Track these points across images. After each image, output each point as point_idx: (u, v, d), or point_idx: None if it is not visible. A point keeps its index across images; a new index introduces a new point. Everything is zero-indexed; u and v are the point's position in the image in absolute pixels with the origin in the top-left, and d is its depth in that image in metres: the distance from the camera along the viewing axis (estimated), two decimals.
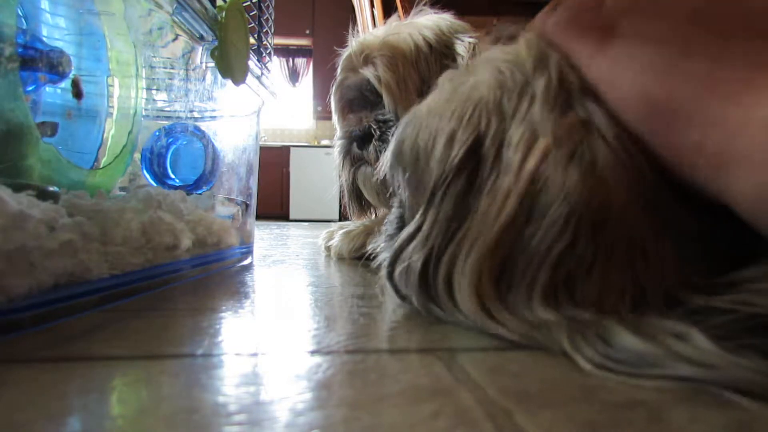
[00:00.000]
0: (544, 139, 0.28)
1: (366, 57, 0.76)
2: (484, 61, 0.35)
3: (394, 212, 0.42)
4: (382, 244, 0.43)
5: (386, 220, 0.44)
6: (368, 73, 0.74)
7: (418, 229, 0.33)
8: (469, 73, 0.35)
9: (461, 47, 0.74)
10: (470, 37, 0.75)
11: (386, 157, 0.42)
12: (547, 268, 0.27)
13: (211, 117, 0.67)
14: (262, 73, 0.69)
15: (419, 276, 0.32)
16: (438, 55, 0.74)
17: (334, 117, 0.86)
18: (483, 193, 0.30)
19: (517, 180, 0.28)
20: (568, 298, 0.27)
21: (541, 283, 0.27)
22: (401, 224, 0.40)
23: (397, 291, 0.35)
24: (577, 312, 0.26)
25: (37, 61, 0.39)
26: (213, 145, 0.64)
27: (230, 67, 0.58)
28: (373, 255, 0.47)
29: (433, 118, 0.35)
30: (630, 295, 0.26)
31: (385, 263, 0.37)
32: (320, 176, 4.27)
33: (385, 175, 0.44)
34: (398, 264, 0.34)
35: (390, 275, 0.35)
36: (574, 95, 0.30)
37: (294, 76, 5.26)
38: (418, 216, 0.34)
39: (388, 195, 0.74)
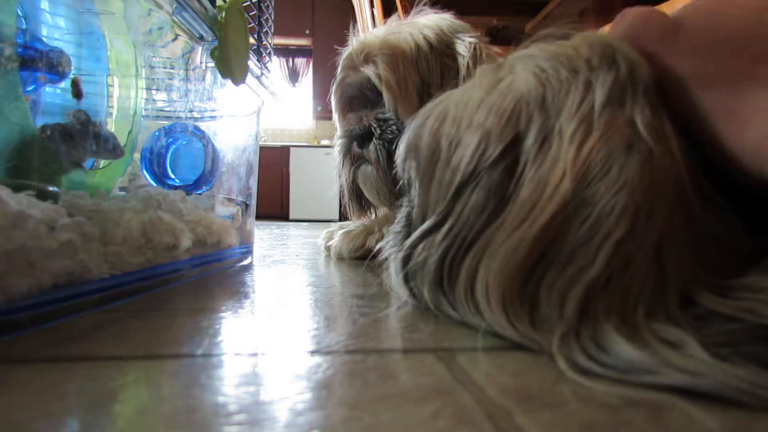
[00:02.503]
0: (598, 131, 0.28)
1: (367, 56, 0.76)
2: (520, 59, 0.35)
3: (404, 210, 0.42)
4: (390, 242, 0.43)
5: (397, 219, 0.44)
6: (369, 71, 0.74)
7: (439, 224, 0.33)
8: (507, 70, 0.35)
9: (462, 47, 0.74)
10: (470, 36, 0.75)
11: (399, 151, 0.42)
12: (600, 259, 0.26)
13: (211, 117, 0.67)
14: (262, 73, 0.69)
15: (435, 272, 0.32)
16: (438, 55, 0.74)
17: (335, 116, 0.86)
18: (522, 186, 0.30)
19: (573, 166, 0.28)
20: (605, 296, 0.26)
21: (584, 281, 0.26)
22: (410, 221, 0.40)
23: (408, 287, 0.35)
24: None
25: (37, 61, 0.39)
26: (213, 145, 0.64)
27: (230, 67, 0.58)
28: (373, 255, 0.47)
29: (461, 114, 0.34)
30: (651, 289, 0.26)
31: (396, 259, 0.37)
32: (320, 176, 4.28)
33: (384, 174, 0.44)
34: (412, 259, 0.34)
35: (402, 271, 0.35)
36: (631, 93, 0.30)
37: (294, 76, 5.26)
38: (438, 210, 0.33)
39: (392, 193, 0.74)
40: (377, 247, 0.46)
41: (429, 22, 0.77)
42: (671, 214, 0.27)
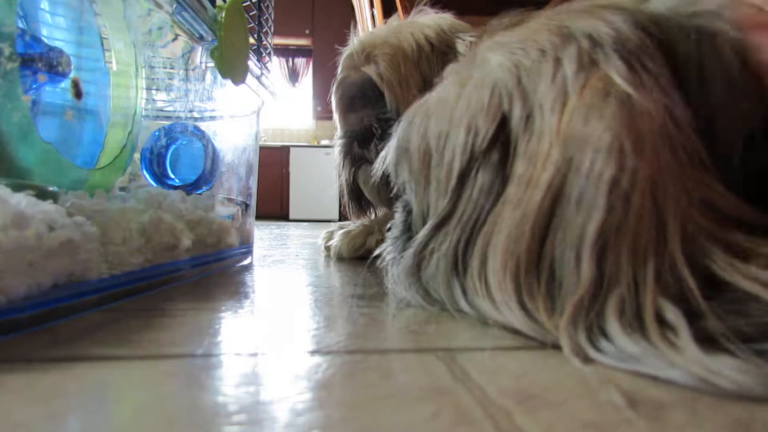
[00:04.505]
0: (574, 94, 0.29)
1: (368, 55, 0.75)
2: (488, 49, 0.35)
3: (399, 215, 0.42)
4: (389, 248, 0.43)
5: (391, 223, 0.44)
6: (370, 71, 0.74)
7: (447, 216, 0.33)
8: (476, 62, 0.35)
9: (463, 46, 0.74)
10: (471, 36, 0.75)
11: (387, 157, 0.42)
12: (600, 200, 0.26)
13: (211, 117, 0.67)
14: (261, 73, 0.69)
15: (449, 263, 0.32)
16: (439, 54, 0.74)
17: (335, 116, 0.86)
18: (516, 162, 0.31)
19: (558, 133, 0.29)
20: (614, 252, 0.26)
21: (594, 225, 0.26)
22: (408, 225, 0.40)
23: (417, 287, 0.35)
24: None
25: (37, 61, 0.39)
26: (213, 145, 0.64)
27: (230, 67, 0.58)
28: (374, 255, 0.47)
29: (444, 111, 0.35)
30: (655, 236, 0.26)
31: (401, 262, 0.37)
32: (320, 176, 4.27)
33: (384, 174, 0.44)
34: (424, 257, 0.34)
35: (411, 271, 0.35)
36: (601, 55, 0.30)
37: (294, 76, 5.26)
38: (443, 204, 0.34)
39: (391, 195, 0.74)
40: (378, 249, 0.45)
41: (430, 21, 0.77)
42: (658, 153, 0.27)
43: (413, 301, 0.36)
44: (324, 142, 4.85)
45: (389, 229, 0.44)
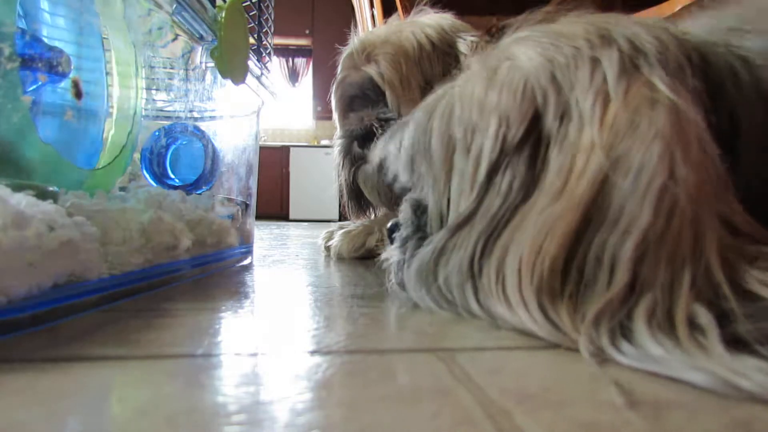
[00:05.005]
0: (618, 98, 0.29)
1: (368, 55, 0.75)
2: (514, 44, 0.34)
3: (407, 214, 0.41)
4: (395, 249, 0.41)
5: (396, 223, 0.42)
6: (371, 70, 0.74)
7: (470, 215, 0.32)
8: (502, 56, 0.34)
9: (464, 46, 0.74)
10: (472, 36, 0.75)
11: (387, 153, 0.41)
12: (647, 206, 0.26)
13: (211, 117, 0.67)
14: (261, 73, 0.69)
15: (467, 263, 0.32)
16: (440, 54, 0.74)
17: (335, 116, 0.86)
18: (550, 162, 0.30)
19: (600, 133, 0.28)
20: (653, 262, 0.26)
21: (637, 232, 0.26)
22: (419, 224, 0.39)
23: (427, 289, 0.34)
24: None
25: (37, 61, 0.39)
26: (213, 145, 0.64)
27: (230, 67, 0.58)
28: (377, 257, 0.46)
29: (470, 102, 0.34)
30: (693, 244, 0.26)
31: (421, 262, 0.35)
32: (320, 176, 4.27)
33: (381, 172, 0.43)
34: (442, 258, 0.33)
35: (432, 274, 0.34)
36: (644, 62, 0.30)
37: (294, 76, 5.26)
38: (468, 202, 0.33)
39: (393, 194, 0.74)
40: (383, 254, 0.44)
41: (430, 21, 0.77)
42: (703, 163, 0.27)
43: (423, 304, 0.35)
44: (324, 142, 4.85)
45: (391, 228, 0.43)
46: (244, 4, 0.63)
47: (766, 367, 0.20)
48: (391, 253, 0.41)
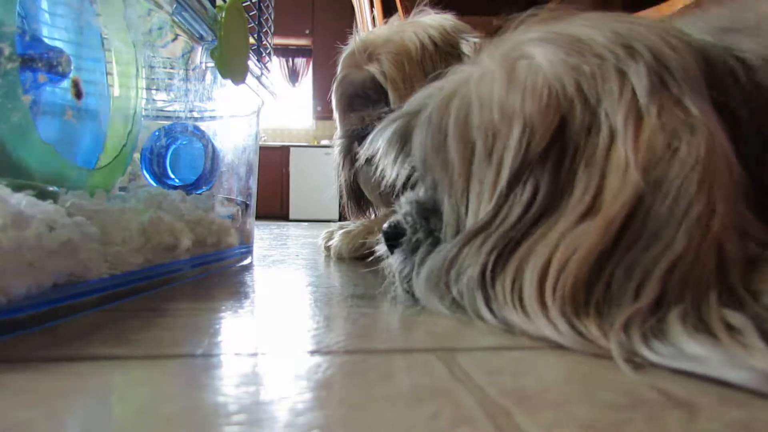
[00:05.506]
0: (652, 116, 0.28)
1: (370, 53, 0.75)
2: (529, 43, 0.33)
3: (412, 217, 0.39)
4: (400, 253, 0.39)
5: (393, 224, 0.40)
6: (373, 69, 0.74)
7: (488, 222, 0.31)
8: (515, 54, 0.33)
9: (467, 47, 0.74)
10: (475, 37, 0.75)
11: (387, 149, 0.40)
12: (683, 234, 0.26)
13: (211, 117, 0.67)
14: (261, 73, 0.69)
15: (480, 271, 0.31)
16: (443, 54, 0.74)
17: (335, 115, 0.85)
18: (577, 177, 0.29)
19: (635, 152, 0.28)
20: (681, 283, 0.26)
21: (670, 257, 0.26)
22: (430, 229, 0.38)
23: (451, 298, 0.33)
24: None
25: (37, 61, 0.39)
26: (213, 145, 0.64)
27: (230, 67, 0.58)
28: (374, 256, 0.46)
29: (490, 102, 0.33)
30: (718, 264, 0.26)
31: (433, 268, 0.34)
32: (320, 176, 4.27)
33: (384, 175, 0.42)
34: (456, 264, 0.32)
35: (444, 281, 0.33)
36: (670, 79, 0.30)
37: (294, 76, 5.26)
38: (487, 209, 0.32)
39: (394, 196, 0.74)
40: (385, 261, 0.43)
41: (432, 21, 0.76)
42: (732, 188, 0.27)
43: (434, 309, 0.34)
44: (324, 142, 4.85)
45: (387, 231, 0.41)
46: (244, 4, 0.63)
47: None
48: (395, 258, 0.40)
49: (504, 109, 0.32)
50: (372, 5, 1.39)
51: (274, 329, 0.32)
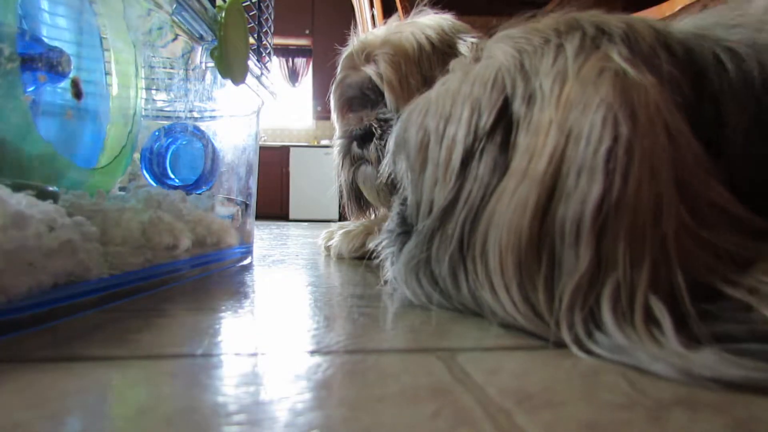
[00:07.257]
0: (573, 75, 0.30)
1: (368, 55, 0.75)
2: (494, 43, 0.36)
3: (395, 208, 0.42)
4: (385, 243, 0.43)
5: (390, 218, 0.43)
6: (370, 70, 0.74)
7: (451, 203, 0.33)
8: (483, 56, 0.36)
9: (464, 47, 0.74)
10: (472, 37, 0.75)
11: (389, 151, 0.42)
12: (599, 173, 0.26)
13: (210, 117, 0.67)
14: (261, 73, 0.69)
15: (456, 248, 0.32)
16: (440, 55, 0.74)
17: (333, 116, 0.86)
18: (518, 143, 0.31)
19: (556, 111, 0.29)
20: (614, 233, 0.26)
21: (593, 197, 0.26)
22: (404, 219, 0.40)
23: (418, 281, 0.35)
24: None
25: (37, 61, 0.39)
26: (213, 145, 0.64)
27: (230, 67, 0.58)
28: (374, 255, 0.47)
29: (445, 97, 0.35)
30: (653, 221, 0.26)
31: (408, 254, 0.36)
32: (320, 176, 4.27)
33: (389, 174, 0.44)
34: (429, 248, 0.34)
35: (419, 265, 0.35)
36: (606, 42, 0.31)
37: (293, 76, 5.26)
38: (447, 191, 0.34)
39: (392, 195, 0.74)
40: (371, 245, 0.46)
41: (430, 22, 0.76)
42: (654, 129, 0.27)
43: (417, 300, 0.36)
44: (324, 142, 4.85)
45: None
46: (244, 4, 0.63)
47: (722, 358, 0.21)
48: (381, 247, 0.43)
49: (455, 97, 0.35)
50: (372, 5, 1.39)
51: (274, 329, 0.32)
